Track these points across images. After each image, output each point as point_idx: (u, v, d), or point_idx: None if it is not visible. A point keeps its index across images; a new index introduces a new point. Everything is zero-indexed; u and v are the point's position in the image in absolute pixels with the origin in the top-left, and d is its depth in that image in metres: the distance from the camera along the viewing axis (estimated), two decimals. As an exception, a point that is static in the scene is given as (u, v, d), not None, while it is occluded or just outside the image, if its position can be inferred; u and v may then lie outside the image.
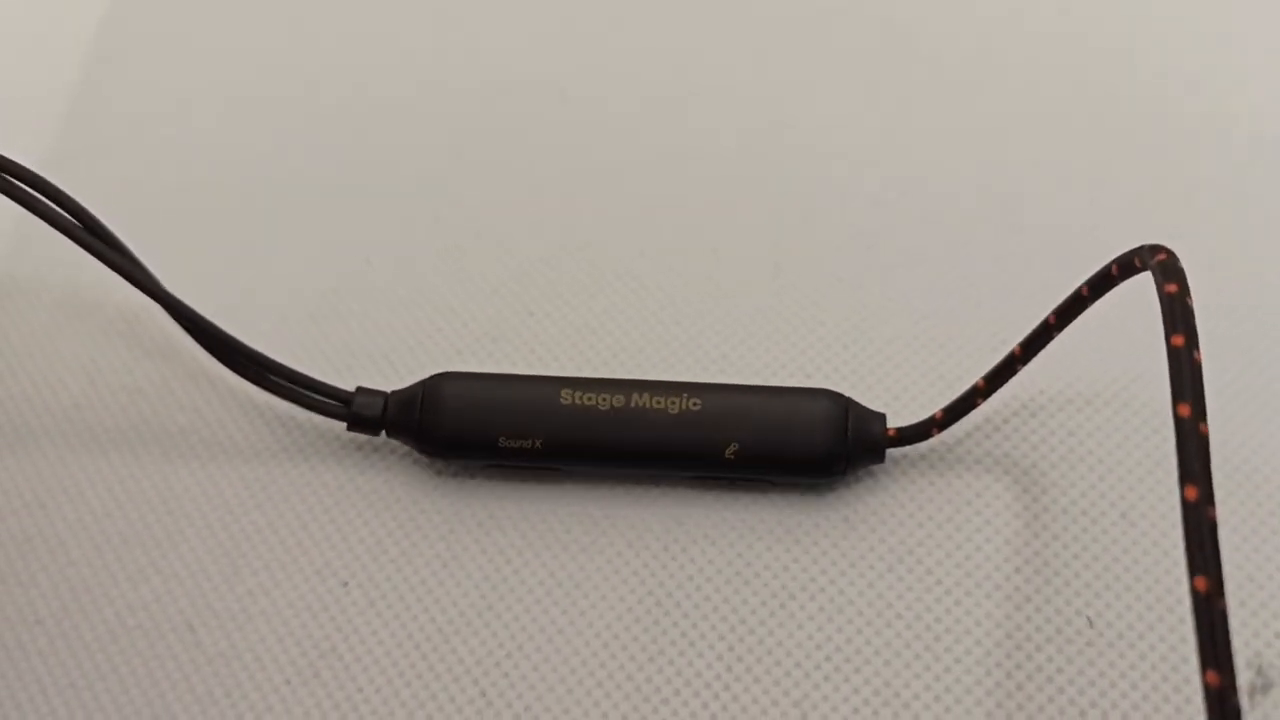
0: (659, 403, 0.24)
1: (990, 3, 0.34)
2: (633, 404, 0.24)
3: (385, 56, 0.34)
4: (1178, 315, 0.18)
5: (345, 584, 0.25)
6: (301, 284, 0.29)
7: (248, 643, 0.24)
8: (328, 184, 0.31)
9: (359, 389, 0.26)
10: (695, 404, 0.24)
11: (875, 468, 0.25)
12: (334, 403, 0.26)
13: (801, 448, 0.24)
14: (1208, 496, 0.17)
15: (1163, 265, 0.19)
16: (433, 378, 0.26)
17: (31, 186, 0.24)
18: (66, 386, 0.28)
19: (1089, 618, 0.23)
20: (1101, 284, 0.22)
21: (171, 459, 0.27)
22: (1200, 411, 0.18)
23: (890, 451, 0.25)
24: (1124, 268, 0.21)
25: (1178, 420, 0.18)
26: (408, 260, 0.29)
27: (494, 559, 0.25)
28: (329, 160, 0.32)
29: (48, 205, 0.24)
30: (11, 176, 0.24)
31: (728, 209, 0.30)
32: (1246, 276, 0.28)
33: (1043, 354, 0.23)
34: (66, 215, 0.25)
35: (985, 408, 0.25)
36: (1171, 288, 0.19)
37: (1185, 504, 0.17)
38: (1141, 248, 0.20)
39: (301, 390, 0.26)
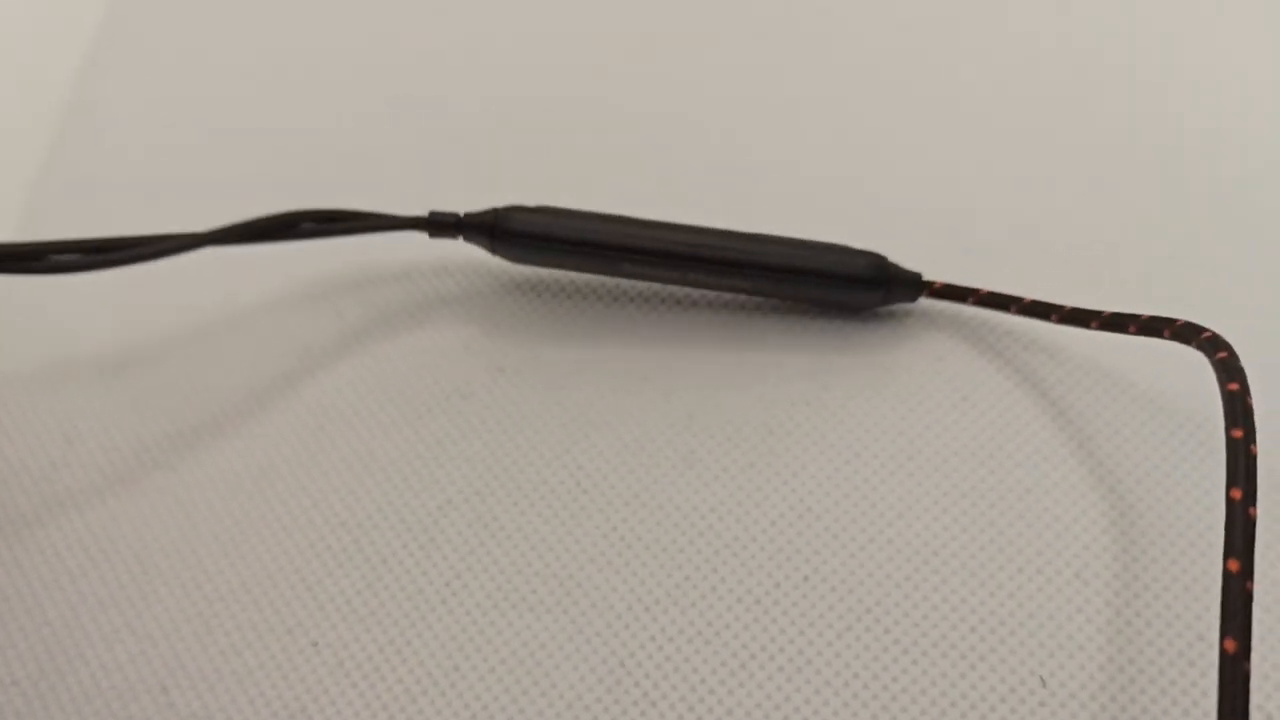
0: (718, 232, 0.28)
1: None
2: (692, 229, 0.28)
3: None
4: (1239, 412, 0.21)
5: (315, 644, 0.25)
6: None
7: (219, 704, 0.25)
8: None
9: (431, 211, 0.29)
10: (752, 234, 0.28)
11: (906, 313, 0.28)
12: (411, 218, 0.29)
13: (844, 266, 0.28)
14: (1248, 570, 0.20)
15: (1224, 364, 0.22)
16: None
17: None
18: (44, 447, 0.28)
19: (1042, 678, 0.24)
20: (1148, 331, 0.24)
21: (147, 519, 0.27)
22: (1251, 496, 0.20)
23: (925, 305, 0.28)
24: (1177, 335, 0.23)
25: (1229, 501, 0.20)
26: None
27: (464, 623, 0.25)
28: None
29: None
30: None
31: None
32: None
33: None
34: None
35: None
36: (1233, 386, 0.21)
37: (1226, 574, 0.20)
38: (1202, 334, 0.22)
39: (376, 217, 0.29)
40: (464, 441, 0.27)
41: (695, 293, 0.29)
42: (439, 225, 0.29)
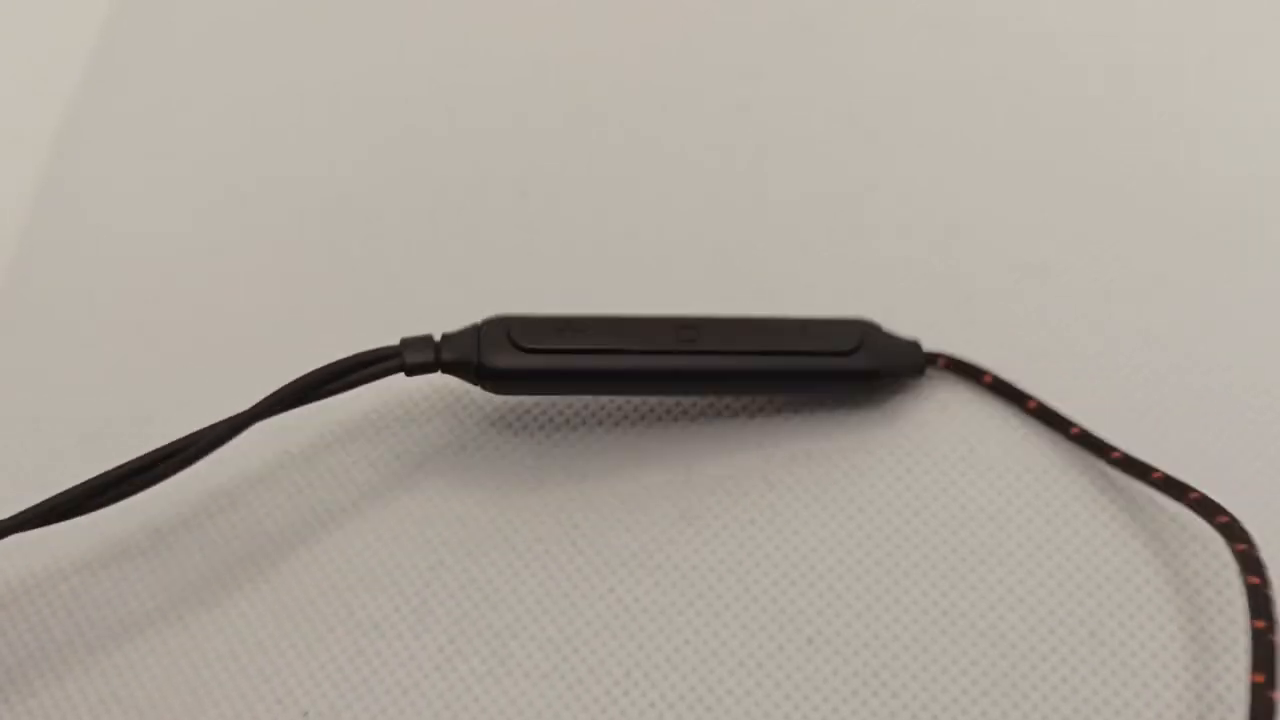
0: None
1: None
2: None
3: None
4: (1261, 604, 0.22)
5: (305, 713, 0.25)
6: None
7: (208, 777, 0.24)
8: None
9: (403, 339, 0.26)
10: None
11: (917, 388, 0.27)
12: (387, 360, 0.26)
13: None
14: None
15: (1243, 556, 0.22)
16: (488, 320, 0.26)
17: None
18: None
19: None
20: (1168, 490, 0.24)
21: (130, 578, 0.26)
22: (1271, 682, 0.21)
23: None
24: (1195, 507, 0.23)
25: (1253, 686, 0.21)
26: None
27: (458, 691, 0.25)
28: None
29: None
30: None
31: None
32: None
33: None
34: None
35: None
36: (1254, 580, 0.22)
37: None
38: (1218, 517, 0.23)
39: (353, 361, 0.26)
40: (456, 499, 0.27)
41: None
42: (416, 367, 0.26)
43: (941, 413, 0.27)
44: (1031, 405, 0.26)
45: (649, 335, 0.26)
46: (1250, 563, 0.22)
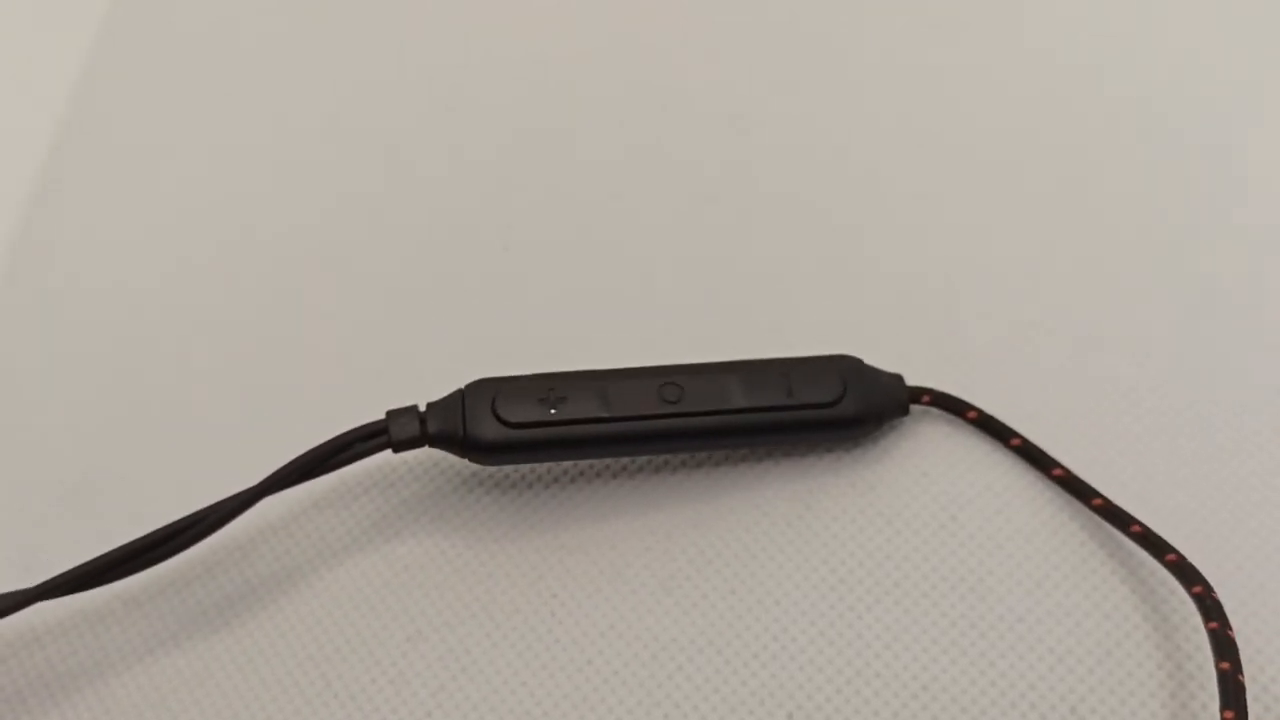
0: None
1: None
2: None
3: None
4: (1224, 647, 0.22)
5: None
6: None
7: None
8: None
9: (388, 412, 0.26)
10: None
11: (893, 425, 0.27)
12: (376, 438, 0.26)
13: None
14: None
15: (1200, 600, 0.23)
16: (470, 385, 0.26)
17: None
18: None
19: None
20: (1148, 545, 0.24)
21: (104, 645, 0.26)
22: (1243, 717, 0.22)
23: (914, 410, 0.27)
24: (1174, 569, 0.24)
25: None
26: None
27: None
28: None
29: None
30: None
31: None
32: None
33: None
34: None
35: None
36: (1213, 625, 0.23)
37: None
38: (1194, 588, 0.23)
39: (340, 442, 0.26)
40: (434, 568, 0.26)
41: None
42: (403, 444, 0.26)
43: (924, 455, 0.27)
44: (1015, 443, 0.26)
45: (633, 399, 0.26)
46: (1209, 610, 0.23)
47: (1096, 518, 0.25)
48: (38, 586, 0.25)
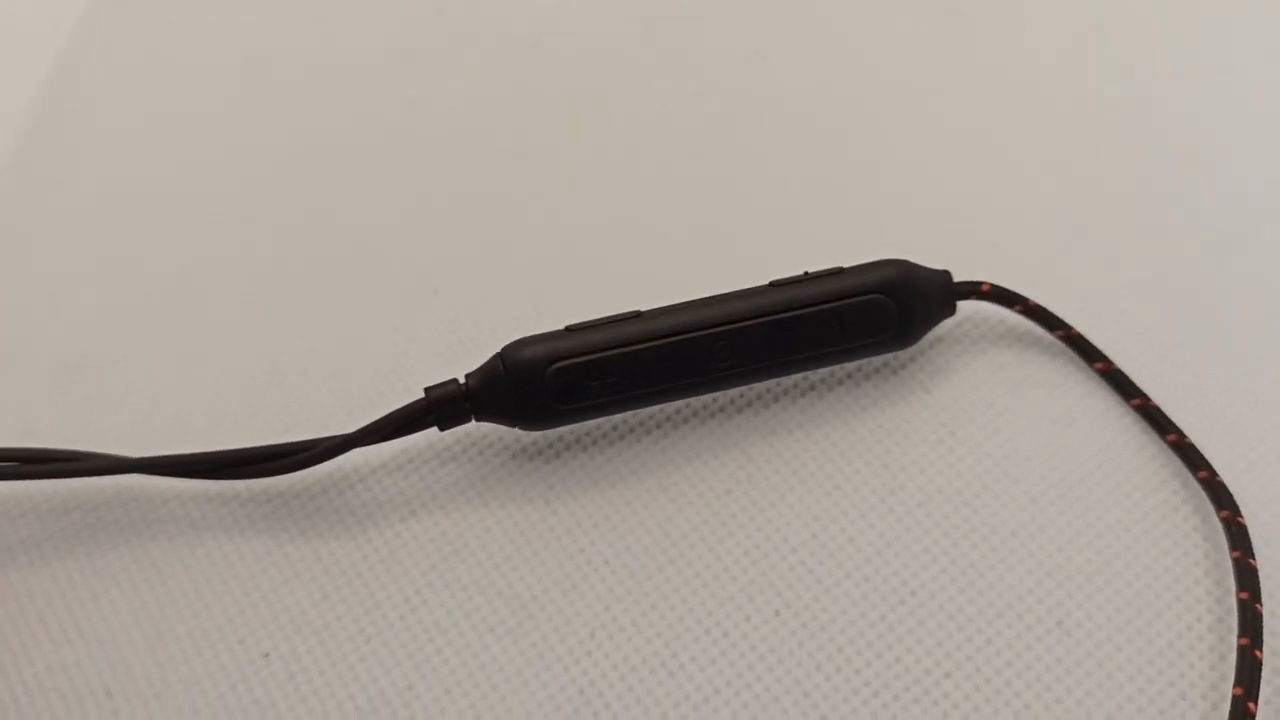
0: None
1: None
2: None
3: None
4: (1245, 575, 0.23)
5: (266, 655, 0.24)
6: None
7: (164, 712, 0.24)
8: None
9: (426, 388, 0.25)
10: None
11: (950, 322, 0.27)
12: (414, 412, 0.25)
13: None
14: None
15: (1227, 525, 0.24)
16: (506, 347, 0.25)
17: None
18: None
19: None
20: (1184, 455, 0.25)
21: (104, 519, 0.26)
22: (1252, 695, 0.22)
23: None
24: (1205, 485, 0.24)
25: (1240, 649, 0.23)
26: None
27: (420, 641, 0.24)
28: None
29: None
30: None
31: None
32: None
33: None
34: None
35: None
36: (1236, 553, 0.23)
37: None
38: (1222, 513, 0.24)
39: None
40: (433, 455, 0.27)
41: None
42: (446, 417, 0.25)
43: (974, 352, 0.27)
44: (1061, 334, 0.27)
45: (681, 362, 0.25)
46: (1236, 538, 0.24)
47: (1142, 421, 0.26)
48: (142, 459, 0.26)
